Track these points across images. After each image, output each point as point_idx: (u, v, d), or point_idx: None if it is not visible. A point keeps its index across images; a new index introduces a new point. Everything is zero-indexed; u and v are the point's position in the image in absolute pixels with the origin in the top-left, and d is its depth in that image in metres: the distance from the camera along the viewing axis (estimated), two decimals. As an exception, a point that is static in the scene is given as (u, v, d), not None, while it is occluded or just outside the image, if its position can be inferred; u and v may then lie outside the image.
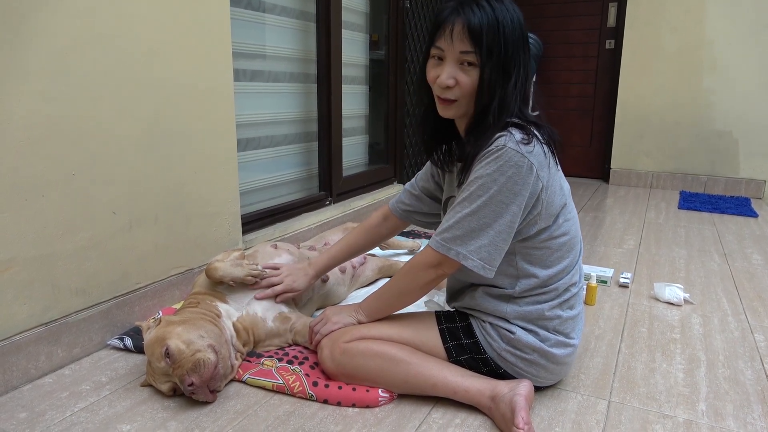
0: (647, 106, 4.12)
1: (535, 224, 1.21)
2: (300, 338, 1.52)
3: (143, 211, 1.65)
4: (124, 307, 1.62)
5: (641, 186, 4.23)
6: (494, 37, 1.16)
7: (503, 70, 1.19)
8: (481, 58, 1.17)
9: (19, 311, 1.36)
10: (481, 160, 1.18)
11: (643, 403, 1.32)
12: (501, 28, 1.16)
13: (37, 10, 1.32)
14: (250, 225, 2.20)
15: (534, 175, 1.16)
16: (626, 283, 2.08)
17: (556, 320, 1.27)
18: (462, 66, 1.20)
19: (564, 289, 1.28)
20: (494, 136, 1.18)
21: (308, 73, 2.61)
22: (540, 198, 1.19)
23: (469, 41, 1.17)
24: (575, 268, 1.31)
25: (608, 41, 4.30)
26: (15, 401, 1.31)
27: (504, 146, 1.15)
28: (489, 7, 1.17)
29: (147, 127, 1.63)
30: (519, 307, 1.26)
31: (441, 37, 1.20)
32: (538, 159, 1.17)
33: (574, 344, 1.31)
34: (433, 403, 1.30)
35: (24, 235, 1.35)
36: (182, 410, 1.27)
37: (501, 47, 1.17)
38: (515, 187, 1.15)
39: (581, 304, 1.34)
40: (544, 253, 1.24)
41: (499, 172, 1.15)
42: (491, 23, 1.16)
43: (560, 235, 1.25)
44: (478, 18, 1.16)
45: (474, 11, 1.17)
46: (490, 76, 1.18)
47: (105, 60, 1.49)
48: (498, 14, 1.16)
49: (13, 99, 1.29)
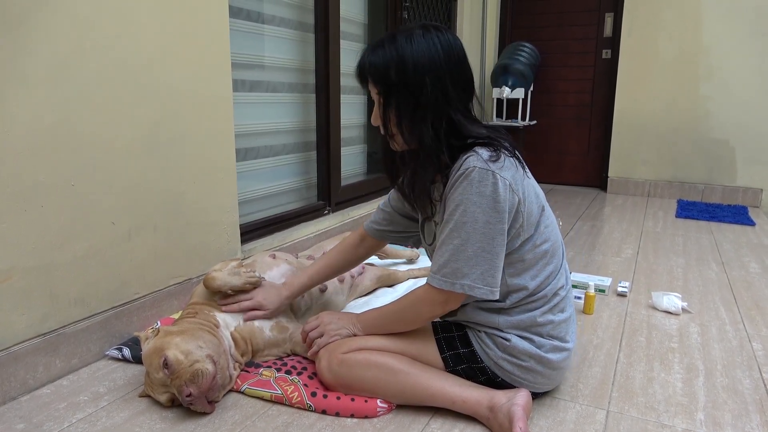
0: (644, 115, 4.14)
1: (518, 237, 1.22)
2: (298, 348, 1.52)
3: (142, 220, 1.65)
4: (123, 317, 1.62)
5: (639, 194, 4.25)
6: (395, 73, 1.19)
7: (412, 102, 1.20)
8: (385, 96, 1.22)
9: (17, 321, 1.36)
10: (454, 186, 1.18)
11: (642, 413, 1.32)
12: (401, 64, 1.18)
13: (37, 18, 1.33)
14: (249, 234, 2.21)
15: (509, 189, 1.17)
16: (624, 292, 2.08)
17: (548, 325, 1.28)
18: (381, 105, 1.25)
19: (553, 294, 1.28)
20: (461, 159, 1.19)
21: (307, 83, 2.62)
22: (519, 210, 1.20)
23: (370, 81, 1.24)
24: (560, 271, 1.32)
25: (605, 50, 4.33)
26: (13, 412, 1.31)
27: (474, 167, 1.15)
28: (391, 46, 1.20)
29: (146, 136, 1.64)
30: (511, 317, 1.27)
31: (364, 82, 1.27)
32: (510, 173, 1.18)
33: (569, 348, 1.31)
34: (431, 414, 1.30)
35: (23, 244, 1.35)
36: (180, 421, 1.26)
37: (403, 82, 1.19)
38: (496, 205, 1.16)
39: (571, 306, 1.35)
40: (529, 263, 1.25)
41: (477, 195, 1.15)
42: (391, 61, 1.19)
43: (543, 242, 1.25)
44: (377, 59, 1.21)
45: (376, 52, 1.22)
46: (397, 111, 1.21)
47: (104, 69, 1.50)
48: (400, 50, 1.18)
49: (13, 107, 1.30)
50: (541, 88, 4.53)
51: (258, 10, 2.29)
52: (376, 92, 1.24)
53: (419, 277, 2.16)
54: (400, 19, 3.27)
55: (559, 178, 4.66)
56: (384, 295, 1.97)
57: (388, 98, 1.22)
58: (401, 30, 1.22)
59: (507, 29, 4.65)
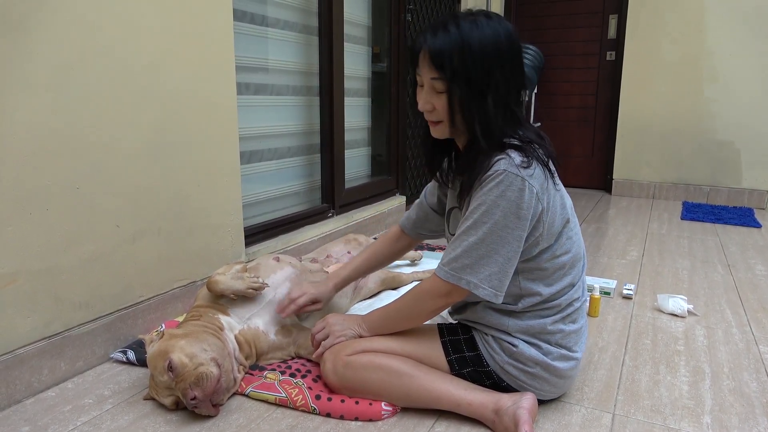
0: (649, 117, 4.13)
1: (536, 245, 1.21)
2: (303, 351, 1.52)
3: (146, 223, 1.66)
4: (127, 320, 1.62)
5: (643, 196, 4.23)
6: (459, 60, 1.15)
7: (476, 91, 1.17)
8: (447, 83, 1.17)
9: (22, 324, 1.37)
10: (482, 185, 1.17)
11: (648, 416, 1.31)
12: (468, 50, 1.14)
13: (41, 23, 1.33)
14: (253, 237, 2.21)
15: (535, 198, 1.16)
16: (630, 295, 2.07)
17: (558, 334, 1.27)
18: (436, 91, 1.20)
19: (567, 304, 1.27)
20: (493, 160, 1.17)
21: (311, 86, 2.62)
22: (541, 220, 1.19)
23: (433, 67, 1.18)
24: (578, 283, 1.30)
25: (609, 52, 4.32)
26: (18, 415, 1.31)
27: (504, 171, 1.14)
28: (455, 30, 1.15)
29: (150, 139, 1.64)
30: (521, 321, 1.26)
31: (416, 65, 1.23)
32: (539, 182, 1.17)
33: (577, 357, 1.30)
34: (436, 416, 1.29)
35: (28, 248, 1.36)
36: (185, 424, 1.26)
37: (468, 69, 1.15)
38: (519, 211, 1.15)
39: (584, 317, 1.34)
40: (546, 272, 1.24)
41: (501, 198, 1.14)
42: (455, 46, 1.14)
43: (562, 253, 1.24)
44: (440, 42, 1.16)
45: (438, 36, 1.16)
46: (460, 99, 1.17)
47: (108, 73, 1.50)
48: (465, 35, 1.14)
49: (17, 112, 1.30)
50: (545, 90, 4.53)
51: (262, 13, 2.29)
52: (432, 77, 1.18)
53: (424, 279, 2.15)
54: (403, 21, 3.27)
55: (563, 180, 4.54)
56: (388, 298, 1.97)
57: (450, 85, 1.17)
58: (463, 14, 1.18)
59: (510, 31, 4.64)
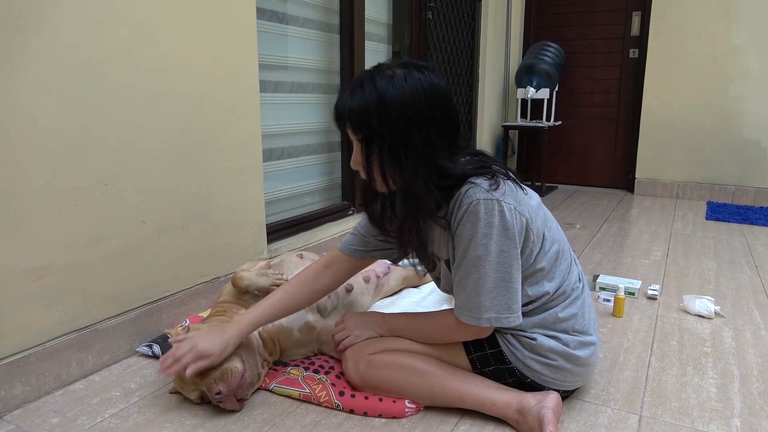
0: (673, 115, 4.06)
1: (532, 252, 1.21)
2: (326, 347, 1.52)
3: (171, 219, 1.67)
4: (153, 315, 1.64)
5: (667, 196, 4.17)
6: (376, 121, 1.11)
7: (393, 152, 1.13)
8: (365, 144, 1.15)
9: (51, 318, 1.39)
10: (462, 222, 1.16)
11: (676, 418, 1.29)
12: (383, 111, 1.11)
13: (69, 23, 1.35)
14: (275, 234, 2.22)
15: (517, 214, 1.16)
16: (655, 295, 2.04)
17: (571, 320, 1.26)
18: (360, 150, 1.18)
19: (570, 288, 1.28)
20: (462, 192, 1.16)
21: (331, 84, 2.63)
22: (529, 230, 1.19)
23: (348, 125, 1.16)
24: (572, 264, 1.31)
25: (632, 50, 4.26)
26: (47, 406, 1.34)
27: (478, 200, 1.13)
28: (371, 89, 1.12)
29: (175, 137, 1.66)
30: (532, 317, 1.26)
31: (341, 124, 1.20)
32: (513, 196, 1.17)
33: (595, 341, 1.30)
34: (460, 415, 1.29)
35: (57, 243, 1.38)
36: (210, 418, 1.28)
37: (383, 130, 1.12)
38: (507, 232, 1.15)
39: (589, 296, 1.34)
40: (545, 270, 1.23)
41: (488, 227, 1.14)
42: (371, 106, 1.11)
43: (551, 245, 1.25)
44: (356, 103, 1.13)
45: (354, 96, 1.13)
46: (379, 160, 1.15)
47: (135, 72, 1.52)
48: (381, 95, 1.11)
49: (47, 111, 1.33)
50: (566, 89, 4.48)
51: (283, 11, 2.30)
52: (356, 138, 1.17)
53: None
54: (424, 19, 3.26)
55: (585, 180, 4.60)
56: (409, 296, 1.96)
57: (369, 146, 1.15)
58: (381, 69, 1.15)
59: (531, 29, 4.61)
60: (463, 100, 4.02)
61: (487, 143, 4.27)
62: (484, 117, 4.17)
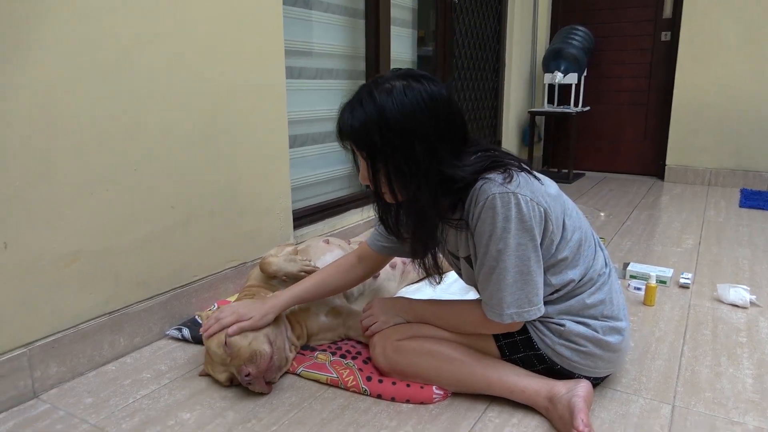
0: (705, 100, 3.94)
1: (552, 243, 1.19)
2: (352, 332, 1.53)
3: (200, 205, 1.69)
4: (182, 299, 1.66)
5: (698, 183, 4.06)
6: (377, 137, 1.10)
7: (401, 166, 1.12)
8: (367, 160, 1.14)
9: (84, 301, 1.42)
10: (479, 218, 1.14)
11: (710, 409, 1.26)
12: (384, 126, 1.09)
13: (102, 9, 1.36)
14: (301, 220, 2.23)
15: (534, 205, 1.13)
16: (687, 284, 1.99)
17: (600, 306, 1.24)
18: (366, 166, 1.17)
19: (597, 274, 1.25)
20: (476, 188, 1.14)
21: (357, 70, 2.61)
22: (548, 219, 1.16)
23: (351, 141, 1.16)
24: (597, 251, 1.29)
25: (664, 33, 4.14)
26: (81, 386, 1.37)
27: (493, 194, 1.12)
28: (370, 104, 1.10)
29: (203, 124, 1.67)
30: (557, 305, 1.24)
31: (344, 140, 1.19)
32: (529, 188, 1.15)
33: (625, 327, 1.27)
34: (488, 402, 1.28)
35: (89, 227, 1.40)
36: (240, 401, 1.29)
37: (385, 145, 1.11)
38: (525, 225, 1.13)
39: (617, 280, 1.32)
40: (568, 259, 1.21)
41: (505, 221, 1.12)
42: (371, 122, 1.10)
43: (572, 233, 1.22)
44: (356, 120, 1.12)
45: (354, 113, 1.12)
46: (386, 174, 1.14)
47: (163, 59, 1.53)
48: (380, 110, 1.09)
49: (78, 98, 1.34)
50: (595, 73, 4.38)
51: (310, -3, 2.29)
52: (360, 155, 1.16)
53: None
54: (450, 4, 3.21)
55: (613, 167, 4.50)
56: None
57: (374, 161, 1.14)
58: (379, 83, 1.13)
59: (559, 12, 4.50)
60: (488, 86, 3.96)
61: (512, 129, 4.21)
62: (510, 103, 4.11)
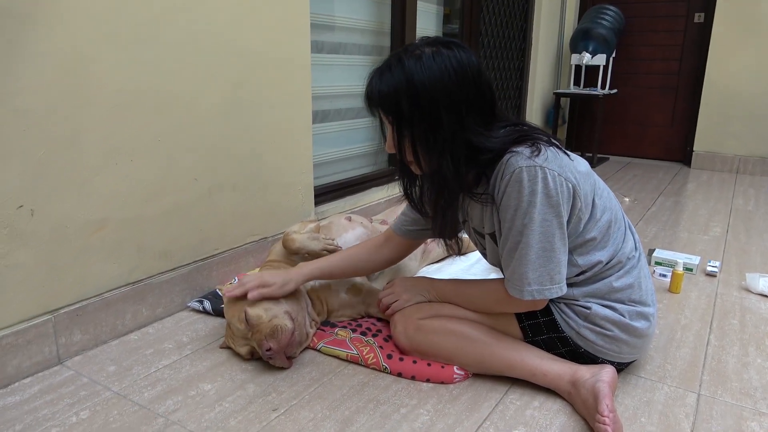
0: (738, 85, 3.82)
1: (580, 221, 1.16)
2: (372, 310, 1.52)
3: (223, 178, 1.68)
4: (203, 271, 1.67)
5: (726, 171, 3.96)
6: (405, 103, 1.09)
7: (428, 133, 1.11)
8: (396, 126, 1.13)
9: (109, 270, 1.43)
10: (505, 192, 1.12)
11: (737, 399, 1.23)
12: (412, 92, 1.08)
13: (129, -23, 1.34)
14: (322, 197, 2.22)
15: (561, 180, 1.10)
16: (714, 272, 1.95)
17: (627, 290, 1.22)
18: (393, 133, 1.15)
19: (626, 258, 1.23)
20: (503, 161, 1.12)
21: (381, 46, 2.57)
22: (577, 195, 1.13)
23: (380, 108, 1.14)
24: (626, 233, 1.26)
25: (697, 14, 4.01)
26: (104, 354, 1.38)
27: (520, 167, 1.09)
28: (399, 71, 1.09)
29: (228, 96, 1.65)
30: (584, 287, 1.22)
31: (373, 107, 1.17)
32: (557, 162, 1.11)
33: (652, 313, 1.25)
34: (509, 384, 1.27)
35: (114, 197, 1.40)
36: (260, 374, 1.29)
37: (412, 111, 1.09)
38: (550, 200, 1.10)
39: (646, 266, 1.28)
40: (596, 240, 1.18)
41: (531, 195, 1.09)
42: (400, 88, 1.09)
43: (602, 214, 1.19)
44: (385, 86, 1.11)
45: (383, 78, 1.11)
46: (411, 141, 1.13)
47: (190, 30, 1.51)
48: (408, 76, 1.08)
49: (105, 68, 1.33)
50: (623, 55, 4.27)
51: (336, -31, 2.24)
52: (388, 121, 1.15)
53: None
54: (478, -21, 3.13)
55: (639, 152, 4.41)
56: (457, 263, 1.93)
57: (400, 128, 1.13)
58: (409, 50, 1.12)
59: (589, -9, 4.38)
60: (514, 65, 3.88)
61: (537, 111, 4.13)
62: (535, 83, 4.03)
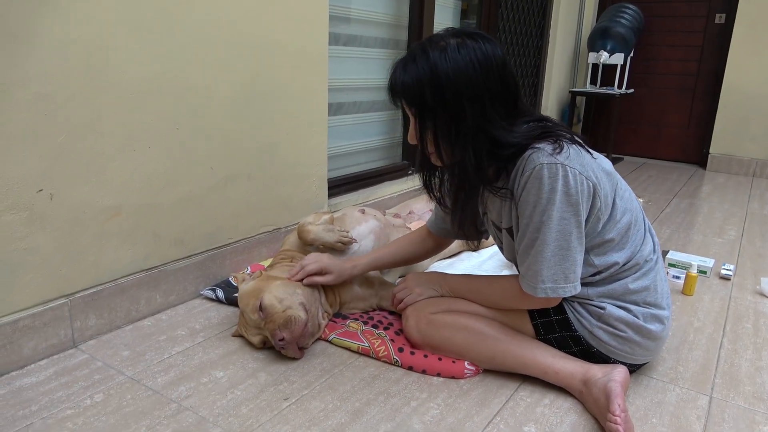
0: (758, 88, 3.77)
1: (599, 220, 1.15)
2: (385, 303, 1.52)
3: (238, 168, 1.69)
4: (217, 260, 1.68)
5: (743, 174, 3.92)
6: (429, 94, 1.09)
7: (451, 126, 1.11)
8: (419, 117, 1.13)
9: (124, 256, 1.44)
10: (525, 188, 1.11)
11: (749, 403, 1.23)
12: (436, 83, 1.08)
13: (152, -36, 1.35)
14: (335, 189, 2.22)
15: (581, 178, 1.09)
16: (728, 275, 1.93)
17: (643, 292, 1.21)
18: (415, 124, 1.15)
19: (643, 261, 1.22)
20: (525, 157, 1.11)
21: (398, 40, 2.56)
22: (597, 195, 1.12)
23: (403, 99, 1.14)
24: (646, 236, 1.24)
25: (718, 15, 3.95)
26: (119, 339, 1.40)
27: (541, 164, 1.08)
28: (424, 62, 1.09)
29: (245, 86, 1.65)
30: (599, 287, 1.21)
31: (396, 98, 1.17)
32: (579, 161, 1.10)
33: (667, 316, 1.24)
34: (520, 381, 1.27)
35: (131, 183, 1.41)
36: (271, 363, 1.30)
37: (436, 103, 1.09)
38: (570, 198, 1.09)
39: (662, 269, 1.27)
40: (614, 241, 1.18)
41: (551, 192, 1.09)
42: (424, 79, 1.09)
43: (622, 216, 1.18)
44: (409, 77, 1.11)
45: (407, 69, 1.11)
46: (433, 133, 1.13)
47: (208, 19, 1.51)
48: (433, 68, 1.08)
49: (123, 55, 1.34)
50: (641, 55, 4.22)
51: (355, -39, 2.24)
52: (410, 112, 1.16)
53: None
54: (496, -26, 3.11)
55: (654, 152, 4.37)
56: (468, 259, 1.93)
57: (423, 120, 1.13)
58: (434, 40, 1.11)
59: (609, -11, 4.34)
60: (530, 62, 3.85)
61: (552, 108, 4.11)
62: (551, 81, 4.00)
